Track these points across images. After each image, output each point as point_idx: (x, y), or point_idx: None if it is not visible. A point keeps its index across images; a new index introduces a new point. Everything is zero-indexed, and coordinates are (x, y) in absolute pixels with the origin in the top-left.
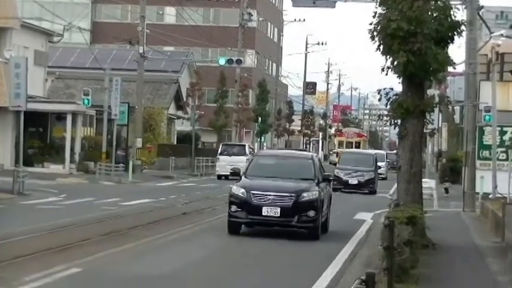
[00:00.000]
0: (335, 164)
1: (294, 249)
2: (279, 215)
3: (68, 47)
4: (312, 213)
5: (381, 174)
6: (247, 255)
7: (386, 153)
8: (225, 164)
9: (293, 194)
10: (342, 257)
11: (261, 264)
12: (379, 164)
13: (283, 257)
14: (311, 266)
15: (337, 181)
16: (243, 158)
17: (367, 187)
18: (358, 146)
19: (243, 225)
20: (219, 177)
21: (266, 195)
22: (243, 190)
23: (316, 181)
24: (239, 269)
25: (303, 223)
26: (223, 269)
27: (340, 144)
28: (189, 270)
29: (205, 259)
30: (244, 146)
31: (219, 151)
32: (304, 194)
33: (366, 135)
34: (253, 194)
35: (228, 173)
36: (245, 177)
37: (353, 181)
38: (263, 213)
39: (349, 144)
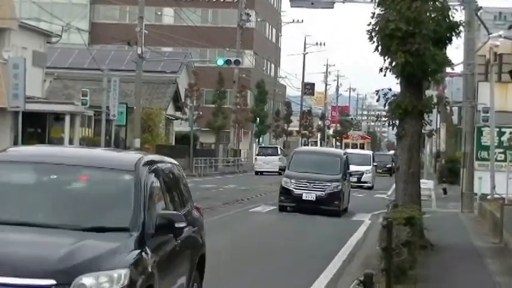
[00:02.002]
0: None
1: None
2: None
3: (67, 48)
4: None
5: (364, 182)
6: None
7: (373, 154)
8: (261, 163)
9: None
10: None
11: None
12: (362, 168)
13: None
14: None
15: (286, 196)
16: (276, 158)
17: (331, 204)
18: (362, 147)
19: None
20: (256, 173)
21: None
22: None
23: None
24: None
25: None
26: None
27: (347, 146)
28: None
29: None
30: (277, 147)
31: (257, 152)
32: None
33: (369, 137)
34: None
35: (264, 170)
36: None
37: (309, 196)
38: None
39: (355, 146)
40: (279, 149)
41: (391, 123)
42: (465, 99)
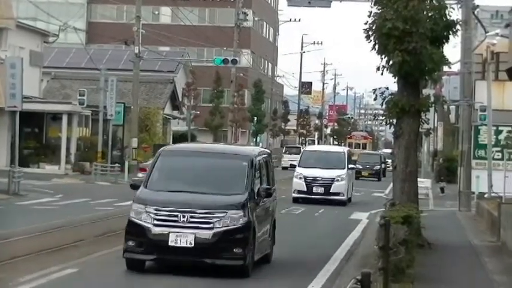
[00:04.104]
0: None
1: None
2: None
3: (64, 47)
4: None
5: (335, 194)
6: None
7: (349, 153)
8: (287, 160)
9: None
10: None
11: None
12: (331, 173)
13: None
14: None
15: (137, 239)
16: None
17: (225, 254)
18: (364, 147)
19: None
20: (284, 168)
21: None
22: None
23: None
24: None
25: None
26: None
27: (350, 145)
28: (185, 270)
29: None
30: (300, 147)
31: (283, 151)
32: None
33: (370, 137)
34: None
35: (289, 166)
36: None
37: (183, 239)
38: None
39: (357, 146)
40: (301, 148)
41: (388, 122)
42: (462, 97)
